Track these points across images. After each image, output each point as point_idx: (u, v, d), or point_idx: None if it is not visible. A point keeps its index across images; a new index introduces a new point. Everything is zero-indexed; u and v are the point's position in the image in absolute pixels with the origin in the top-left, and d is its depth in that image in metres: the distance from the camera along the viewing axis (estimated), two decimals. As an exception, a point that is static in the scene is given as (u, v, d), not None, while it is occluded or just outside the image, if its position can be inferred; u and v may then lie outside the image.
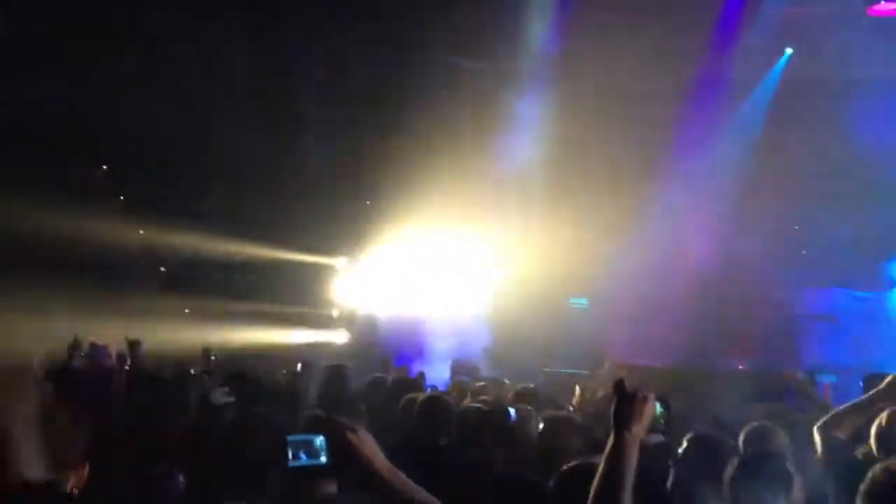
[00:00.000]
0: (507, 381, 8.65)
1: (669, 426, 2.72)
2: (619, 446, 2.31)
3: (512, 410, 5.17)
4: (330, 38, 17.44)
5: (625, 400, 2.40)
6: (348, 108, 16.94)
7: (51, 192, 15.63)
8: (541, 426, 4.95)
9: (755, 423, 5.26)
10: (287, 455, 2.17)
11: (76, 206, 16.28)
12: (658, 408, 2.60)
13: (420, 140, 14.77)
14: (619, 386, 2.43)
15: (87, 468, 2.48)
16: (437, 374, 12.30)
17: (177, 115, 18.75)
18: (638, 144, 14.34)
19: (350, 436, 2.20)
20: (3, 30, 17.95)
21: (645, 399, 2.40)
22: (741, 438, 4.93)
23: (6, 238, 16.49)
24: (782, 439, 4.88)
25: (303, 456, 2.17)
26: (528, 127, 15.20)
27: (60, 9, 17.92)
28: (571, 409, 6.96)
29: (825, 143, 14.48)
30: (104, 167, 20.12)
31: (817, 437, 4.46)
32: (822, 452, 4.35)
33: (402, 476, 2.27)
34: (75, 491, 2.44)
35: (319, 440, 2.19)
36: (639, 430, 2.35)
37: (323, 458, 2.18)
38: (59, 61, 18.03)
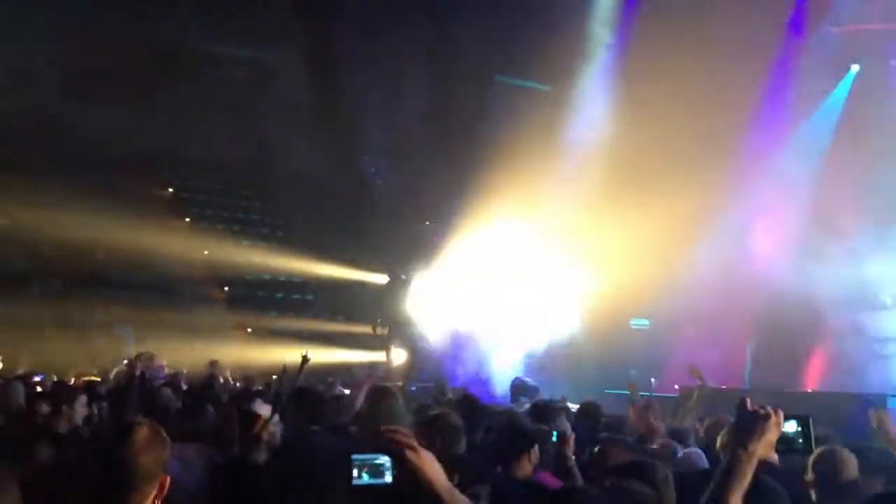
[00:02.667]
0: (569, 404, 8.52)
1: (810, 445, 2.52)
2: (731, 461, 2.28)
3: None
4: (387, 60, 17.69)
5: (744, 416, 2.36)
6: (407, 130, 17.10)
7: (119, 214, 16.08)
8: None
9: (826, 447, 5.10)
10: (351, 474, 2.17)
11: (143, 228, 16.72)
12: (795, 425, 2.48)
13: (481, 162, 14.79)
14: (742, 403, 2.39)
15: (168, 480, 2.49)
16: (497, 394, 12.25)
17: (241, 138, 19.20)
18: (703, 161, 14.08)
19: (412, 456, 2.20)
20: (75, 59, 18.65)
21: (767, 416, 2.33)
22: (811, 460, 4.79)
23: (77, 259, 17.03)
24: (853, 464, 4.72)
25: (366, 475, 2.18)
26: (589, 146, 15.12)
27: (129, 38, 18.53)
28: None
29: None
30: (170, 189, 20.65)
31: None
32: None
33: (463, 498, 2.27)
34: (157, 503, 2.46)
35: (384, 460, 2.18)
36: (756, 448, 2.29)
37: (387, 478, 2.18)
38: (128, 87, 18.65)
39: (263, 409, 4.47)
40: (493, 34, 16.46)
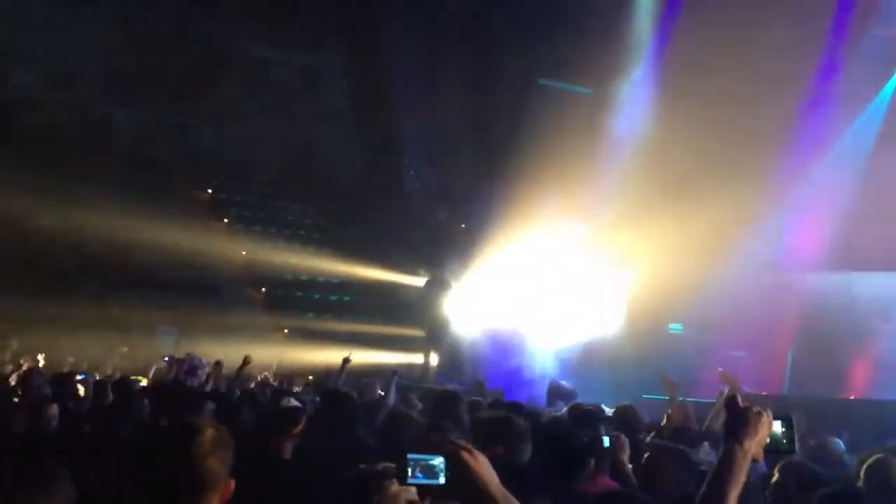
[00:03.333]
0: (605, 408, 8.43)
1: (793, 446, 2.52)
2: (726, 459, 2.24)
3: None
4: (426, 62, 17.73)
5: (737, 413, 2.31)
6: (448, 133, 17.14)
7: (159, 215, 16.32)
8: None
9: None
10: (406, 472, 2.19)
11: (182, 229, 16.94)
12: (780, 426, 2.48)
13: (522, 165, 14.78)
14: (731, 399, 2.35)
15: (233, 484, 2.45)
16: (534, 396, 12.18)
17: (281, 140, 19.38)
18: (745, 164, 13.92)
19: (467, 457, 2.20)
20: (119, 60, 18.97)
21: (759, 414, 2.31)
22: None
23: (119, 259, 17.31)
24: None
25: (420, 475, 2.20)
26: (630, 148, 15.04)
27: (173, 41, 18.80)
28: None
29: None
30: (209, 191, 20.90)
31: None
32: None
33: (515, 501, 2.25)
34: None
35: (439, 461, 2.20)
36: (751, 446, 2.26)
37: (441, 479, 2.19)
38: (170, 90, 18.93)
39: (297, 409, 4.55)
40: (536, 37, 16.45)
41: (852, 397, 14.23)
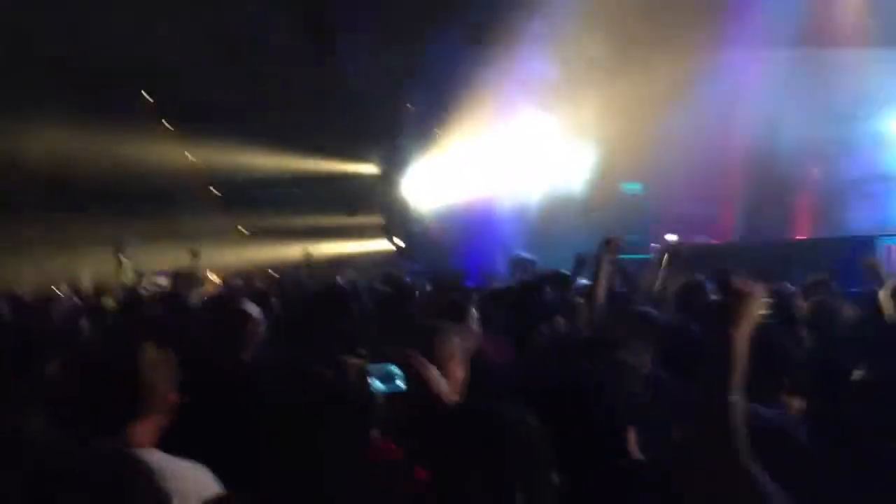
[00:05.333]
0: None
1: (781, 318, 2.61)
2: (726, 347, 2.14)
3: None
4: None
5: (731, 296, 2.22)
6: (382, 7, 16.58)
7: (100, 124, 15.82)
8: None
9: (820, 298, 5.27)
10: (367, 384, 2.34)
11: (127, 137, 16.50)
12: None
13: (464, 42, 14.51)
14: (723, 282, 2.40)
15: (177, 397, 2.59)
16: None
17: (214, 32, 18.60)
18: (688, 25, 13.84)
19: (416, 364, 2.42)
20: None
21: (754, 296, 2.21)
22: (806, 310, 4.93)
23: (65, 173, 16.86)
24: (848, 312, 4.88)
25: (380, 383, 2.35)
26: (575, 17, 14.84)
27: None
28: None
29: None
30: (148, 94, 20.20)
31: (889, 303, 4.48)
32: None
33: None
34: (169, 419, 2.60)
35: (393, 367, 2.37)
36: (746, 329, 2.17)
37: (400, 385, 2.36)
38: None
39: (253, 309, 4.43)
40: None
41: (799, 238, 14.80)
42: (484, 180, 15.89)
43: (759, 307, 2.24)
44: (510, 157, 15.86)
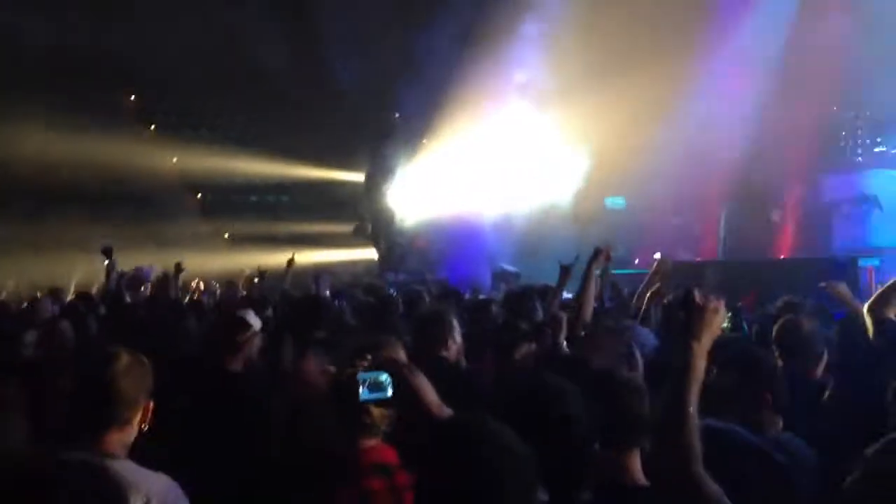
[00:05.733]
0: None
1: (739, 331, 2.68)
2: (686, 360, 2.21)
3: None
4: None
5: (693, 311, 2.29)
6: (373, 18, 16.64)
7: (81, 126, 15.72)
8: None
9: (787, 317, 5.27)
10: (357, 391, 2.39)
11: (109, 139, 16.41)
12: (727, 318, 2.54)
13: (450, 51, 14.56)
14: (687, 297, 2.32)
15: (151, 405, 2.57)
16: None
17: (200, 39, 18.54)
18: (669, 44, 13.98)
19: (407, 373, 2.47)
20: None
21: (716, 310, 2.29)
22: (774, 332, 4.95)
23: (45, 176, 16.74)
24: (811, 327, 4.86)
25: (369, 391, 2.40)
26: (556, 36, 14.95)
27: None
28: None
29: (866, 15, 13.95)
30: (132, 97, 20.14)
31: (867, 318, 4.51)
32: (874, 331, 4.39)
33: (448, 409, 2.54)
34: (144, 427, 2.56)
35: (385, 376, 2.42)
36: (708, 341, 2.25)
37: (388, 392, 2.41)
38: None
39: (254, 320, 4.37)
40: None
41: (781, 257, 14.92)
42: (470, 191, 15.95)
43: (720, 322, 2.31)
44: (496, 168, 15.92)
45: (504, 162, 15.85)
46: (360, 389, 2.41)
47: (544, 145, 15.69)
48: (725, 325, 2.50)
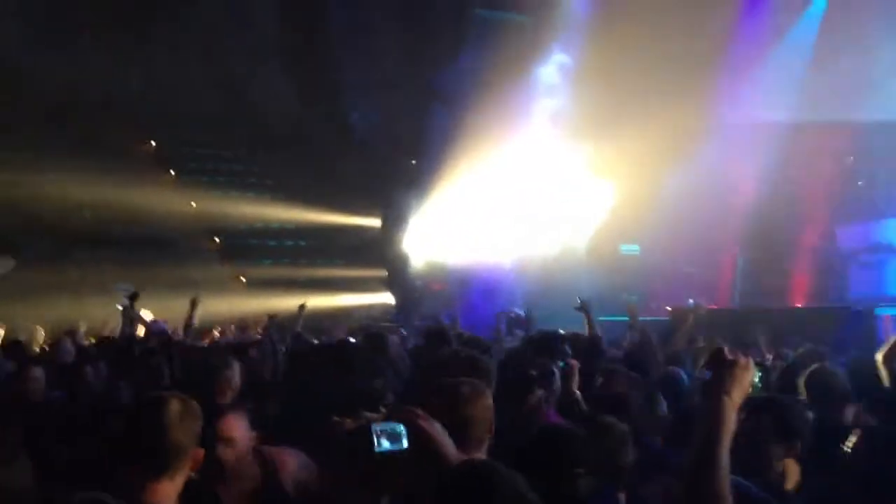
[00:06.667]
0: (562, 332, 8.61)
1: (768, 390, 2.64)
2: (718, 412, 2.24)
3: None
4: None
5: (724, 367, 2.31)
6: (388, 69, 16.93)
7: (101, 170, 15.91)
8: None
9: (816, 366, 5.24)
10: (372, 442, 2.32)
11: (128, 183, 16.58)
12: (757, 374, 2.51)
13: (463, 96, 14.75)
14: (718, 353, 2.35)
15: (202, 454, 2.51)
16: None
17: (218, 85, 18.85)
18: (685, 85, 14.07)
19: (423, 424, 2.39)
20: (49, 11, 18.09)
21: (746, 367, 2.32)
22: (803, 380, 4.92)
23: (65, 219, 16.92)
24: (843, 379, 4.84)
25: (386, 442, 2.32)
26: (569, 75, 15.12)
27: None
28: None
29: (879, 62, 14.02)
30: (152, 143, 20.41)
31: (882, 368, 4.48)
32: (889, 381, 4.36)
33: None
34: (193, 475, 2.51)
35: (400, 427, 2.34)
36: (738, 397, 2.28)
37: (405, 444, 2.33)
38: (103, 40, 18.20)
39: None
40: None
41: (798, 306, 14.79)
42: (487, 234, 15.99)
43: (750, 378, 2.34)
44: (512, 211, 15.99)
45: (520, 205, 15.92)
46: (375, 441, 2.32)
47: (561, 186, 15.76)
48: (756, 381, 2.45)
